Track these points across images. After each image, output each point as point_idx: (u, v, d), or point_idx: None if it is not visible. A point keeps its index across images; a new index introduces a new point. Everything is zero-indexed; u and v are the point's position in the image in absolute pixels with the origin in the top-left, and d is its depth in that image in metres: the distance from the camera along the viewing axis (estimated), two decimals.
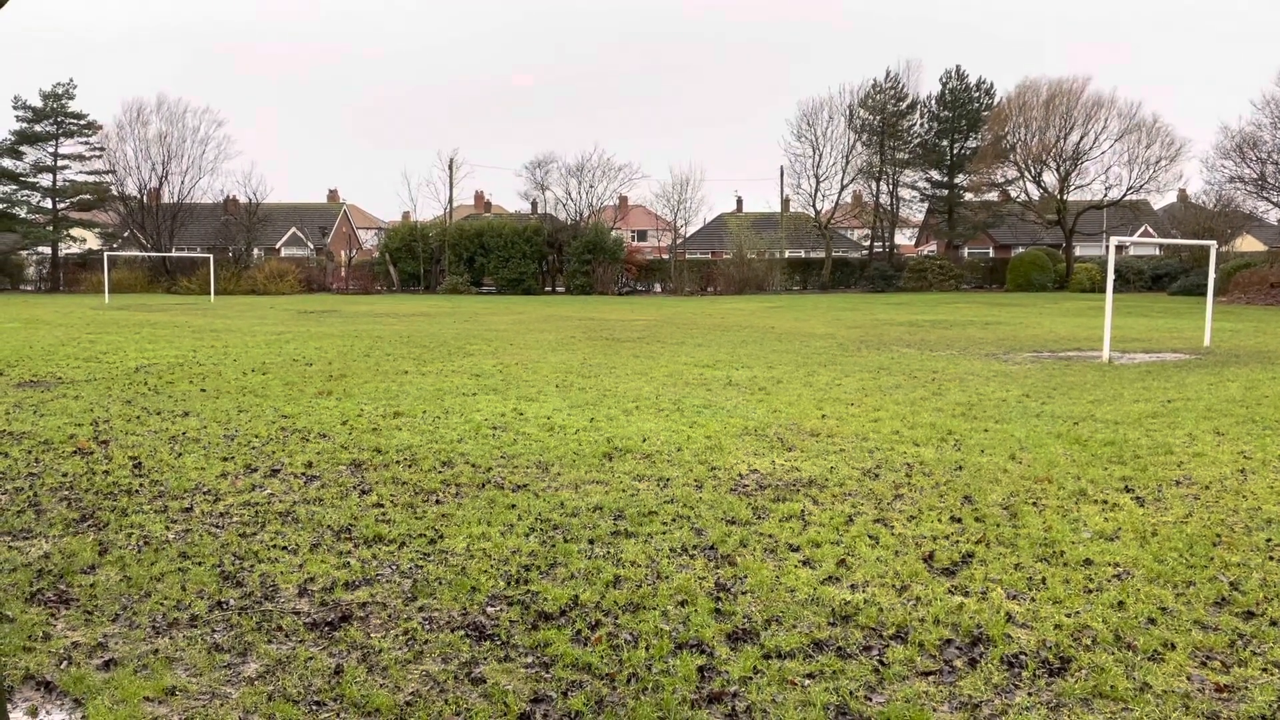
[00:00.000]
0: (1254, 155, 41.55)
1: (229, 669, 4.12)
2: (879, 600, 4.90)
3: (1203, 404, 11.25)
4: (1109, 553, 5.66)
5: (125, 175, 57.11)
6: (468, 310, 34.83)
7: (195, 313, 32.58)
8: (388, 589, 5.07)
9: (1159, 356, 17.38)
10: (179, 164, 57.27)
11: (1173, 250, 54.91)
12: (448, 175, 60.08)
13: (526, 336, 21.84)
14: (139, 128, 56.71)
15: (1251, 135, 41.63)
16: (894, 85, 57.93)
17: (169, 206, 57.36)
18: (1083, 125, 52.82)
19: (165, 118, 57.22)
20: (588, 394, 12.14)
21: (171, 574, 5.26)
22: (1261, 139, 41.32)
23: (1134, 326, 24.90)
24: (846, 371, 14.83)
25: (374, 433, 9.36)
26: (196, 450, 8.51)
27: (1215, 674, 4.08)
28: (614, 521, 6.31)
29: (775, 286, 55.39)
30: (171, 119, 57.20)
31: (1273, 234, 63.09)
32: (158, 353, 17.43)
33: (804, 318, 29.92)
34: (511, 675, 4.07)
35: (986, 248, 68.23)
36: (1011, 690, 3.94)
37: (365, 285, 56.22)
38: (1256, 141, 41.48)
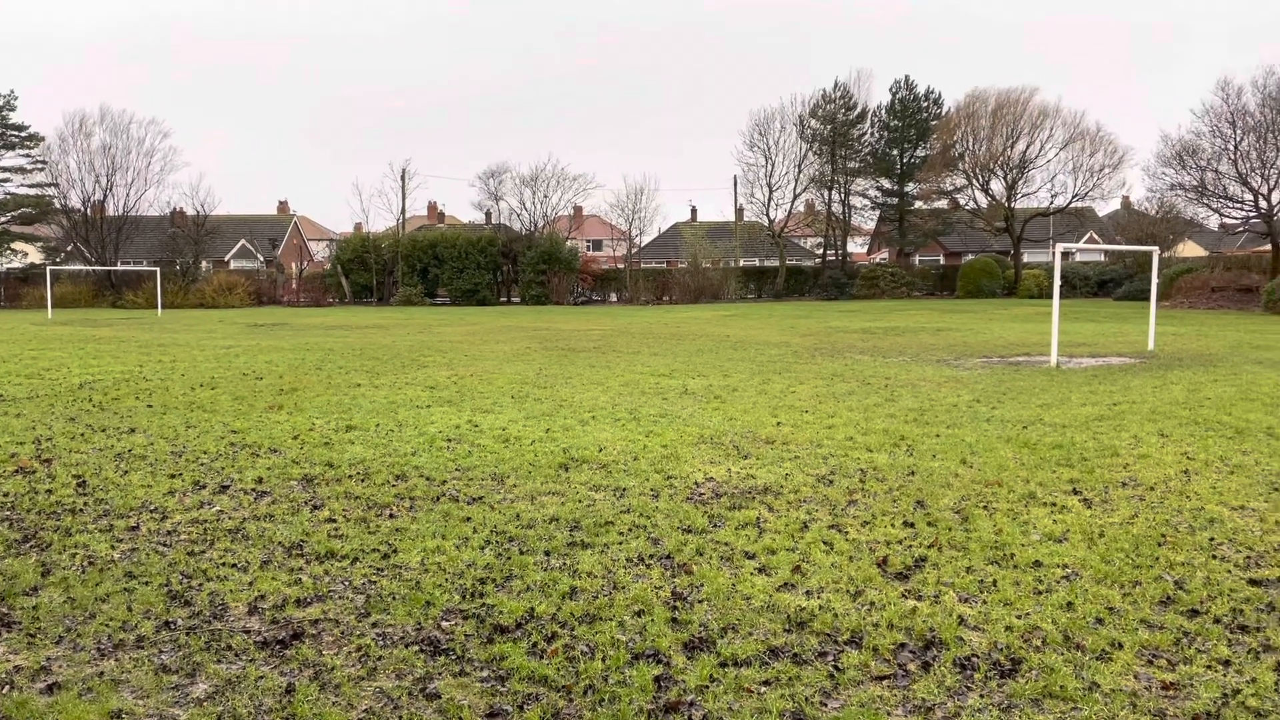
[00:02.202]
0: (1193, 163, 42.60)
1: (177, 690, 4.04)
2: (834, 606, 4.93)
3: (1147, 406, 11.50)
4: (1058, 554, 5.75)
5: (68, 188, 56.04)
6: (421, 322, 34.56)
7: (142, 327, 31.96)
8: (340, 605, 5.01)
9: (1105, 361, 17.74)
10: (124, 176, 56.27)
11: (1117, 256, 56.16)
12: (400, 186, 59.65)
13: (481, 347, 21.72)
14: (82, 139, 55.67)
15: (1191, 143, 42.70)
16: (844, 95, 58.61)
17: (114, 219, 56.28)
18: (1029, 134, 53.83)
19: (109, 129, 56.24)
20: (543, 405, 12.10)
21: (117, 594, 5.14)
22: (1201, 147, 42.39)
23: (1081, 331, 25.39)
24: (801, 379, 14.94)
25: (326, 447, 9.24)
26: (143, 467, 8.34)
27: (1161, 672, 4.16)
28: (570, 532, 6.29)
29: (730, 295, 55.69)
30: (115, 130, 56.22)
31: (1213, 239, 64.78)
32: (103, 368, 17.06)
33: (759, 326, 30.10)
34: (467, 690, 4.03)
35: (937, 255, 69.21)
36: (964, 692, 3.99)
37: (317, 298, 55.59)
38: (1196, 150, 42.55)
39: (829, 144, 57.98)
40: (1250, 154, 40.86)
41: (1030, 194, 55.64)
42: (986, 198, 56.59)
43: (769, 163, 58.46)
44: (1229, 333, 24.44)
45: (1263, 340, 21.75)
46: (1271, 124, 39.95)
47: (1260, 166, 40.76)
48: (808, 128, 58.45)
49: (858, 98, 58.90)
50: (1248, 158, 40.93)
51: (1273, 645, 4.43)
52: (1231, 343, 21.18)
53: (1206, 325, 27.78)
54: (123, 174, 56.19)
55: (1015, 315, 34.63)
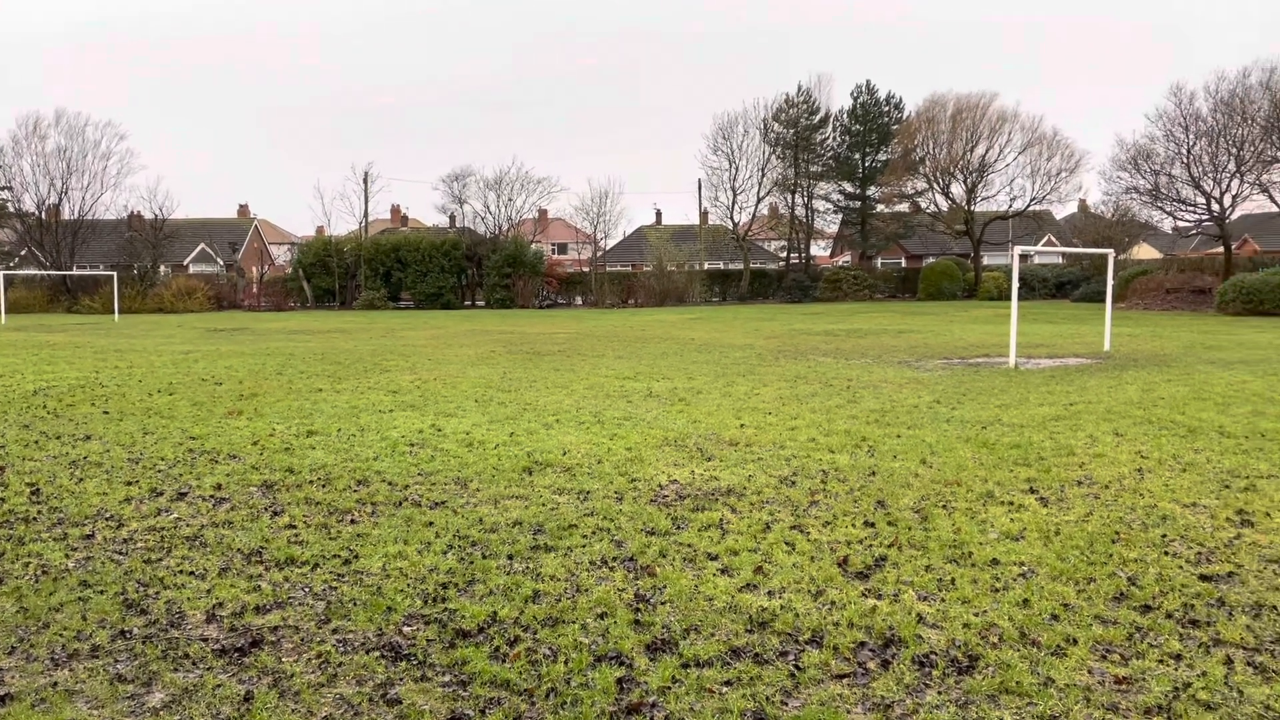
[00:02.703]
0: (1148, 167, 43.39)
1: (133, 700, 3.99)
2: (795, 606, 4.97)
3: (1103, 406, 11.69)
4: (1015, 552, 5.84)
5: (22, 191, 54.84)
6: (384, 326, 34.32)
7: (98, 333, 31.43)
8: (300, 612, 4.96)
9: (1062, 361, 18.01)
10: (80, 179, 55.19)
11: (1074, 259, 57.06)
12: (362, 189, 59.19)
13: (445, 351, 21.61)
14: (36, 142, 54.61)
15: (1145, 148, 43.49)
16: (806, 99, 58.99)
17: (69, 223, 55.25)
18: (988, 139, 54.66)
19: (64, 131, 55.16)
20: (508, 408, 12.06)
21: (71, 603, 5.06)
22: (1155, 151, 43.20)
23: (1039, 333, 25.75)
24: (764, 381, 15.02)
25: (286, 452, 9.15)
26: (99, 475, 8.21)
27: (1115, 667, 4.24)
28: (533, 536, 6.29)
29: (695, 298, 55.85)
30: (71, 133, 55.16)
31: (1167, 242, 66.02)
32: (57, 374, 16.76)
33: (723, 329, 30.21)
34: (428, 695, 4.02)
35: (899, 258, 69.91)
36: (922, 690, 4.04)
37: (278, 302, 54.97)
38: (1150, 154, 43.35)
39: (792, 148, 58.34)
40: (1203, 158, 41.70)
41: (989, 197, 56.51)
42: (947, 201, 57.37)
43: (733, 166, 58.78)
44: (1183, 333, 24.91)
45: (1215, 341, 22.20)
46: (1223, 128, 40.81)
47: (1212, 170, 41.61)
48: (771, 132, 58.79)
49: (820, 102, 59.34)
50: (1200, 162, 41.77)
51: (1223, 639, 4.53)
52: (1185, 343, 21.59)
53: (1161, 326, 28.30)
54: (78, 177, 55.17)
55: (975, 317, 35.06)
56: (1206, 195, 41.86)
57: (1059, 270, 56.61)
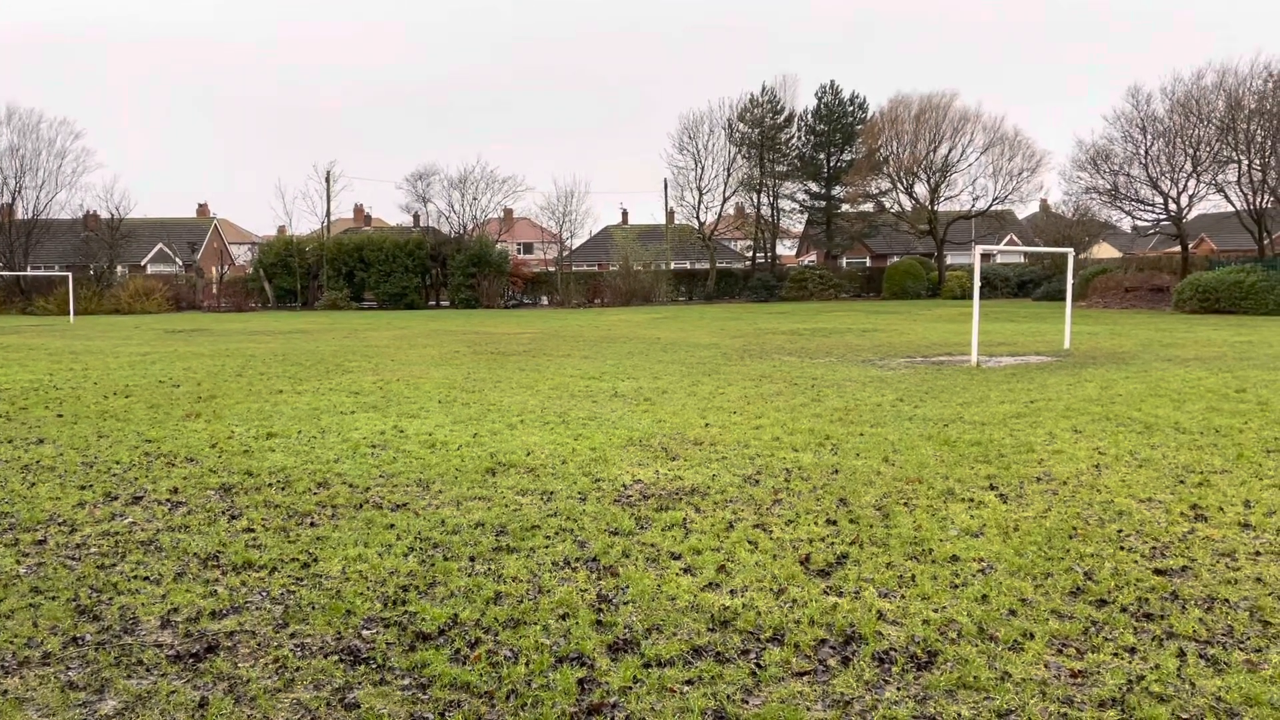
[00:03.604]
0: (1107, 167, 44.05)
1: (85, 707, 3.91)
2: (757, 604, 4.98)
3: (1062, 404, 11.84)
4: (974, 548, 5.89)
5: None
6: (347, 326, 34.01)
7: (53, 334, 30.86)
8: (257, 616, 4.90)
9: (1023, 359, 18.23)
10: (34, 178, 54.21)
11: (1036, 258, 57.82)
12: (325, 188, 58.62)
13: (409, 352, 21.45)
14: None
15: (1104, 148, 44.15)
16: (771, 99, 59.25)
17: (23, 223, 54.17)
18: (951, 138, 55.16)
19: (17, 129, 54.11)
20: (471, 409, 12.00)
21: (22, 610, 4.96)
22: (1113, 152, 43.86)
23: (1001, 331, 26.05)
24: (730, 380, 15.06)
25: (245, 455, 9.03)
26: (51, 479, 8.05)
27: (1070, 660, 4.29)
28: (496, 537, 6.25)
29: (661, 298, 55.90)
30: (24, 130, 54.11)
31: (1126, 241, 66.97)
32: (10, 377, 16.44)
33: (689, 328, 30.27)
34: (387, 699, 3.98)
35: (863, 257, 70.42)
36: (881, 686, 4.06)
37: (239, 303, 54.28)
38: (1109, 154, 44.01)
39: (757, 148, 58.57)
40: (1160, 158, 42.40)
41: (953, 197, 57.05)
42: (911, 201, 57.83)
43: (699, 166, 58.91)
44: (1141, 331, 25.32)
45: (1172, 338, 22.58)
46: (1180, 129, 41.51)
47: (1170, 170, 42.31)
48: (736, 131, 58.99)
49: (785, 102, 59.63)
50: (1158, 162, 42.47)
51: (1176, 632, 4.60)
52: (1143, 341, 21.94)
53: (1120, 324, 28.73)
54: (32, 175, 54.17)
55: (938, 316, 35.40)
56: (1164, 195, 42.57)
57: (1021, 269, 57.30)
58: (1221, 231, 60.14)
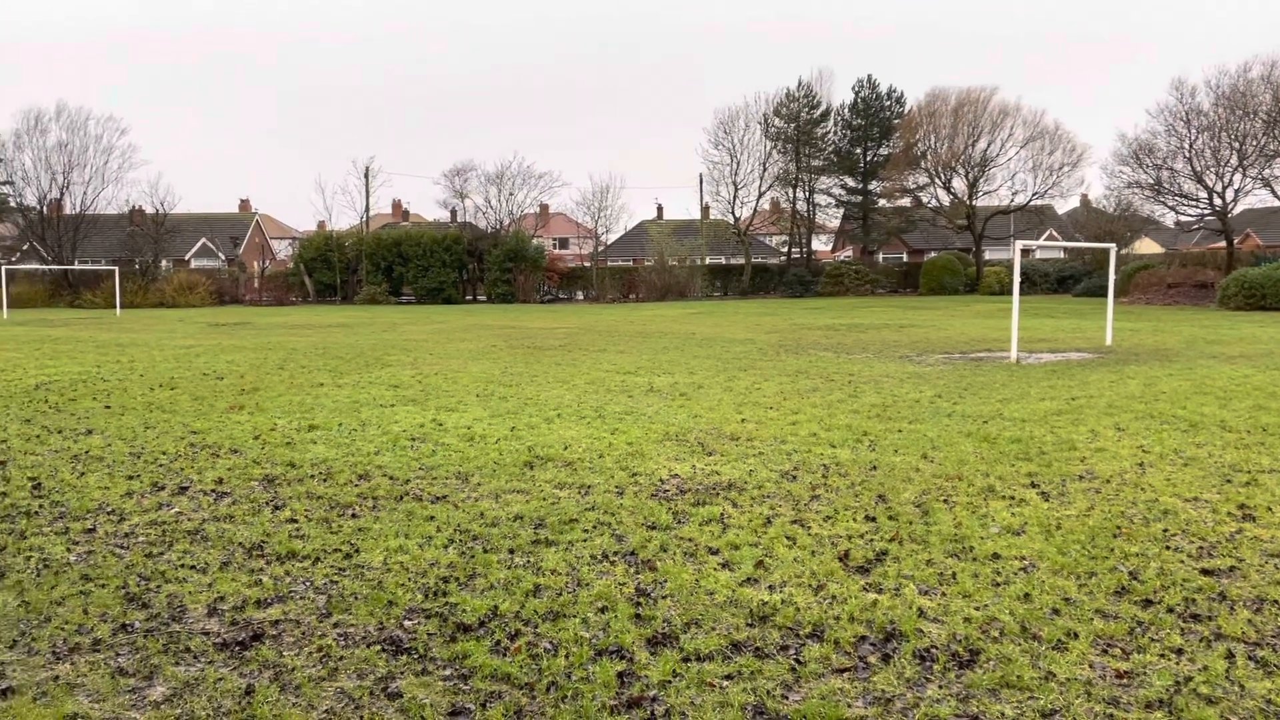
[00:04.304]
0: (1150, 161, 43.36)
1: (134, 693, 3.99)
2: (796, 600, 4.97)
3: (1104, 401, 11.68)
4: (1015, 546, 5.83)
5: (24, 186, 54.96)
6: (386, 320, 34.32)
7: (100, 327, 31.45)
8: (301, 606, 4.97)
9: (1064, 356, 18.00)
10: (81, 174, 55.32)
11: (1076, 253, 57.01)
12: (364, 184, 59.15)
13: (446, 346, 21.61)
14: (37, 136, 54.64)
15: (1147, 142, 43.46)
16: (807, 94, 58.94)
17: (71, 218, 55.32)
18: (990, 133, 54.51)
19: (66, 126, 55.23)
20: (509, 403, 12.06)
21: (73, 597, 5.07)
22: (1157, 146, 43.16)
23: (1040, 327, 25.73)
24: (766, 376, 15.01)
25: (288, 447, 9.15)
26: (100, 469, 8.22)
27: (1116, 661, 4.24)
28: (534, 530, 6.29)
29: (696, 293, 55.83)
30: (72, 127, 55.23)
31: (1169, 236, 65.92)
32: (59, 369, 16.77)
33: (724, 323, 30.20)
34: (429, 689, 4.02)
35: (900, 252, 69.84)
36: (923, 683, 4.04)
37: (279, 297, 54.98)
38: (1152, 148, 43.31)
39: (793, 142, 58.30)
40: (1204, 152, 41.67)
41: (991, 192, 56.41)
42: (949, 196, 57.27)
43: (734, 161, 58.75)
44: (1185, 328, 24.89)
45: (1217, 335, 22.17)
46: (1225, 123, 40.74)
47: (1214, 164, 41.58)
48: (772, 126, 58.76)
49: (821, 96, 59.30)
50: (1202, 156, 41.75)
51: (1224, 633, 4.52)
52: (1187, 338, 21.57)
53: (1163, 321, 28.27)
54: (80, 171, 55.29)
55: (977, 312, 35.05)
56: (1209, 190, 41.83)
57: (1061, 265, 56.55)
58: (1268, 227, 58.94)
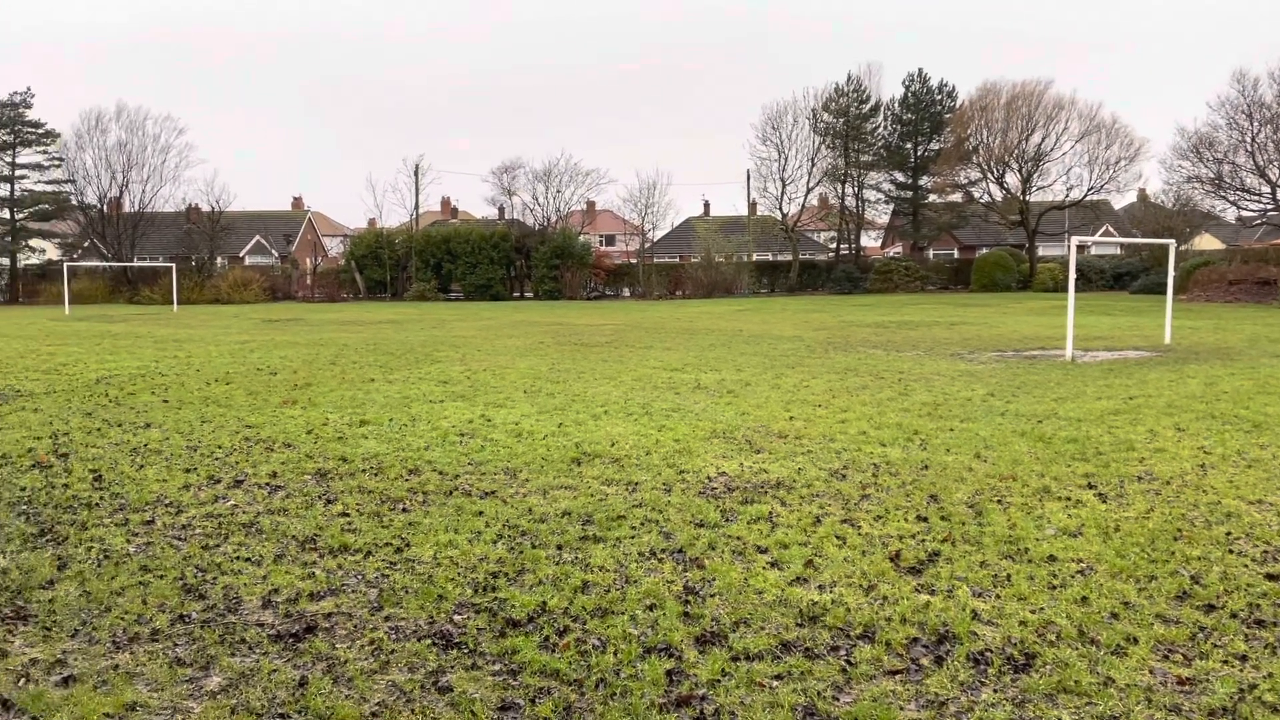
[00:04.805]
0: (1210, 155, 42.35)
1: (191, 683, 4.06)
2: (846, 600, 4.92)
3: (1164, 400, 11.42)
4: (1072, 549, 5.72)
5: (85, 184, 56.49)
6: (435, 317, 34.65)
7: (158, 323, 32.15)
8: (353, 599, 5.02)
9: (1121, 354, 17.63)
10: (140, 172, 56.71)
11: (1133, 249, 55.79)
12: (414, 181, 59.78)
13: (494, 342, 21.76)
14: (98, 136, 56.05)
15: (1207, 136, 42.44)
16: (856, 88, 58.41)
17: (130, 216, 56.67)
18: (1044, 127, 53.57)
19: (125, 126, 56.63)
20: (556, 399, 12.10)
21: (132, 588, 5.18)
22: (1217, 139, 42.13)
23: (1096, 325, 25.24)
24: (814, 373, 14.90)
25: (339, 441, 9.27)
26: (158, 462, 8.39)
27: (1177, 667, 4.13)
28: (582, 526, 6.30)
29: (743, 289, 55.61)
30: (131, 127, 56.61)
31: (1230, 232, 64.29)
32: (119, 364, 17.17)
33: (771, 320, 30.04)
34: (479, 683, 4.04)
35: (951, 248, 68.92)
36: (978, 687, 3.97)
37: (331, 293, 55.78)
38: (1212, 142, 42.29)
39: (842, 137, 57.80)
40: (1267, 146, 40.58)
41: (1045, 187, 55.46)
42: (1001, 191, 56.36)
43: (782, 156, 58.40)
44: (1247, 326, 24.25)
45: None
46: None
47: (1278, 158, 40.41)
48: (820, 121, 58.30)
49: (870, 91, 58.74)
50: (1264, 149, 40.65)
51: None
52: (1249, 336, 21.01)
53: (1224, 318, 27.57)
54: (138, 170, 56.69)
55: (1030, 309, 34.47)
56: (1272, 184, 40.71)
57: (1117, 261, 55.37)
58: None
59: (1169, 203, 51.72)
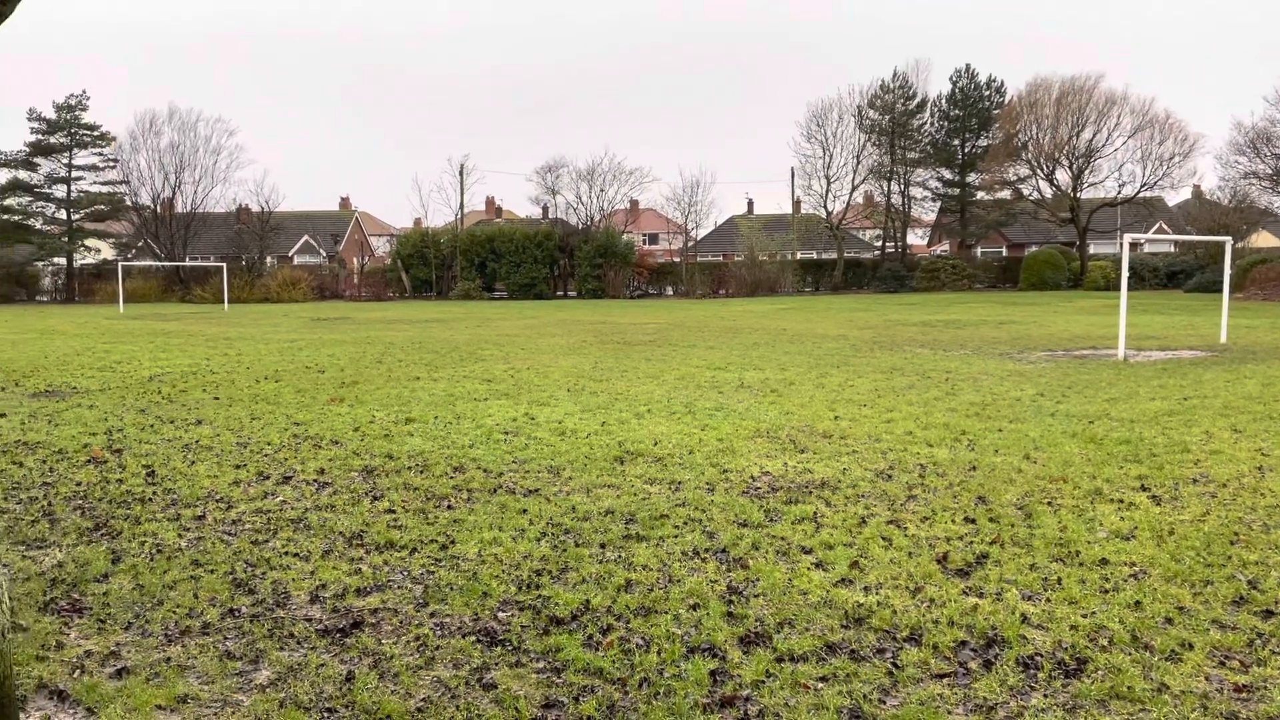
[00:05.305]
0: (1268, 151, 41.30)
1: (241, 676, 4.12)
2: (892, 602, 4.86)
3: (1220, 401, 11.16)
4: (1125, 552, 5.60)
5: (139, 185, 57.64)
6: (479, 315, 34.89)
7: (209, 321, 32.74)
8: (399, 595, 5.07)
9: (1175, 354, 17.26)
10: (191, 173, 57.79)
11: (1188, 247, 54.57)
12: (459, 181, 60.22)
13: (538, 341, 21.86)
14: (152, 138, 57.21)
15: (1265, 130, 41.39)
16: (903, 85, 57.80)
17: (182, 216, 57.77)
18: (1095, 122, 52.58)
19: (177, 128, 57.75)
20: (599, 398, 12.12)
21: (184, 582, 5.27)
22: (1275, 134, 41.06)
23: (1149, 324, 24.74)
24: (859, 372, 14.77)
25: (386, 439, 9.37)
26: (209, 458, 8.54)
27: (1234, 674, 4.03)
28: (625, 525, 6.29)
29: (787, 288, 55.30)
30: (184, 129, 57.71)
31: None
32: (171, 361, 17.51)
33: (816, 319, 29.84)
34: (523, 681, 4.05)
35: (999, 247, 67.96)
36: (1027, 692, 3.90)
37: (378, 292, 56.39)
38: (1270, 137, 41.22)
39: (888, 134, 57.22)
40: None
41: (1097, 183, 54.42)
42: (1051, 188, 55.42)
43: (826, 154, 57.94)
44: None
45: None
46: None
47: None
48: (866, 118, 57.76)
49: (917, 87, 58.08)
50: None
51: None
52: None
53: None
54: (190, 171, 57.75)
55: (1081, 308, 33.88)
56: None
57: (1171, 259, 54.21)
58: None
59: (1225, 199, 50.50)
